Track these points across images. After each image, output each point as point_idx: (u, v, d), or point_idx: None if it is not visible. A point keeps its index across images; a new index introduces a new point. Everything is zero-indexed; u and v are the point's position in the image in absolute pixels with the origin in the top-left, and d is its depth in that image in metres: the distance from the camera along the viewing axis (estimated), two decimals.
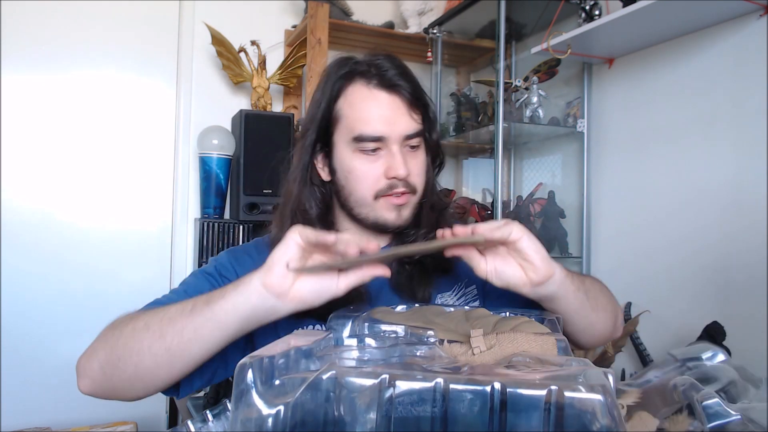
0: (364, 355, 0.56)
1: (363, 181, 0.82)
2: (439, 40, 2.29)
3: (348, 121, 0.82)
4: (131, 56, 2.14)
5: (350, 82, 0.83)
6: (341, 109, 0.83)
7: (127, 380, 0.68)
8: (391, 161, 0.81)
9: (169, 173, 2.20)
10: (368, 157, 0.82)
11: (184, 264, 2.20)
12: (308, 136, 0.86)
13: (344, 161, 0.83)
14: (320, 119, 0.84)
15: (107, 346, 0.69)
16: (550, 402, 0.41)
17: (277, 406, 0.40)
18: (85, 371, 0.71)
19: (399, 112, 0.81)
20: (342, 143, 0.83)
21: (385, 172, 0.81)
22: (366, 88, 0.82)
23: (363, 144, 0.81)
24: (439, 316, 0.72)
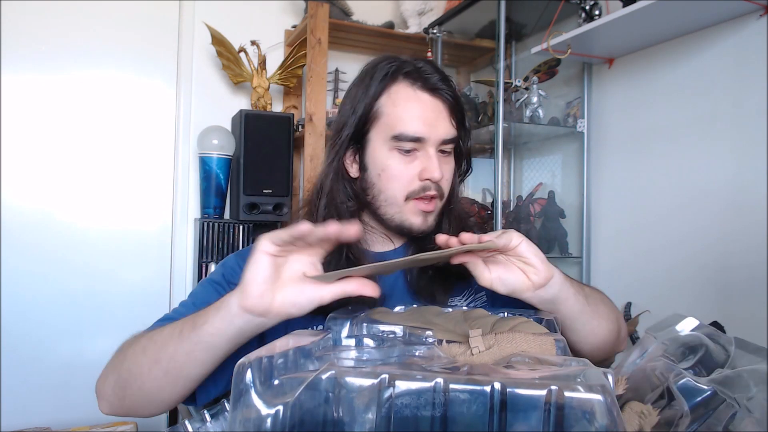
0: (363, 356, 0.56)
1: (396, 180, 0.82)
2: (439, 40, 2.29)
3: (389, 119, 0.82)
4: (131, 56, 2.15)
5: (394, 81, 0.83)
6: (383, 107, 0.83)
7: (138, 401, 0.71)
8: (427, 163, 0.81)
9: (169, 173, 2.21)
10: (404, 157, 0.82)
11: (184, 264, 2.20)
12: (345, 131, 0.85)
13: (379, 159, 0.83)
14: (361, 115, 0.84)
15: (115, 371, 0.72)
16: (549, 402, 0.41)
17: (276, 406, 0.40)
18: (101, 394, 0.74)
19: (440, 116, 0.82)
20: (379, 140, 0.83)
21: (419, 174, 0.82)
22: (410, 89, 0.82)
23: (401, 143, 0.81)
24: (438, 317, 0.72)
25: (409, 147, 0.81)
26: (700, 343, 0.65)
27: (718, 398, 0.53)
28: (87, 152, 2.08)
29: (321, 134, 2.02)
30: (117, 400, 0.72)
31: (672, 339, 0.67)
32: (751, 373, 0.55)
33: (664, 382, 0.59)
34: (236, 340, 0.64)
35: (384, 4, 2.51)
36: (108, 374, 0.73)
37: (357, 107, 0.84)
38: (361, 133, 0.85)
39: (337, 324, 0.66)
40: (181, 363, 0.65)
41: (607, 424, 0.40)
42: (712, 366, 0.62)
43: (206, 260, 2.00)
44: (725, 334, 0.66)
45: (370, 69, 0.86)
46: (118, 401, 0.72)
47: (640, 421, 0.54)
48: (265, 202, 2.00)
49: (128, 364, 0.70)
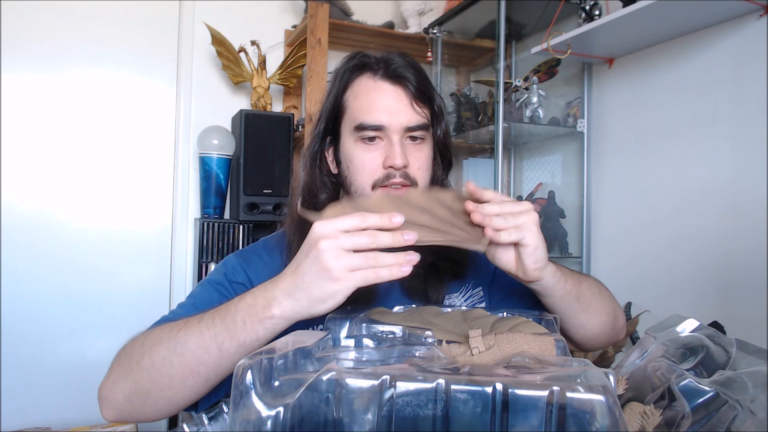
0: (363, 356, 0.56)
1: (362, 169, 0.82)
2: (439, 40, 2.29)
3: (352, 111, 0.83)
4: (131, 56, 2.15)
5: (358, 75, 0.85)
6: (347, 100, 0.84)
7: (160, 409, 0.69)
8: (389, 150, 0.81)
9: (169, 173, 2.20)
10: (368, 146, 0.82)
11: (184, 264, 2.20)
12: (317, 127, 0.88)
13: (347, 151, 0.84)
14: (329, 111, 0.86)
15: (130, 380, 0.68)
16: (551, 403, 0.41)
17: (276, 408, 0.40)
18: (109, 402, 0.70)
19: (401, 103, 0.82)
20: (346, 133, 0.85)
21: (383, 162, 0.81)
22: (371, 80, 0.83)
23: (363, 132, 0.81)
24: (437, 317, 0.72)
25: (372, 135, 0.81)
26: (700, 344, 0.65)
27: (720, 399, 0.53)
28: (87, 152, 2.08)
29: None
30: (132, 409, 0.69)
31: (672, 340, 0.67)
32: (750, 375, 0.55)
33: (665, 382, 0.59)
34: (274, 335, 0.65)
35: (384, 4, 2.51)
36: (119, 381, 0.69)
37: (326, 105, 0.87)
38: (333, 130, 0.87)
39: (336, 324, 0.66)
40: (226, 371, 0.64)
41: (609, 424, 0.40)
42: (713, 367, 0.62)
43: (206, 260, 2.00)
44: (726, 336, 0.66)
45: (340, 66, 0.88)
46: (133, 410, 0.69)
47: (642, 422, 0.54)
48: (265, 202, 2.00)
49: (149, 373, 0.66)
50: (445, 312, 0.75)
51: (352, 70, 0.85)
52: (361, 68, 0.85)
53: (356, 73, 0.85)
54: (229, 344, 0.62)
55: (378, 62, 0.84)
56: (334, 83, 0.87)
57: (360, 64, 0.85)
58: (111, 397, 0.69)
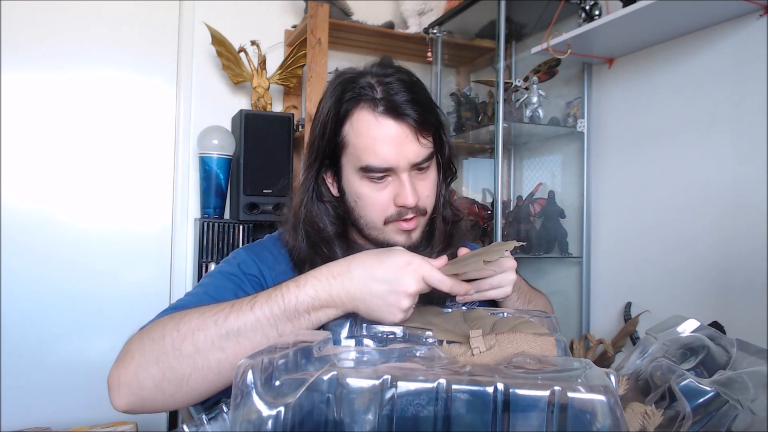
0: (364, 356, 0.56)
1: (372, 207, 0.82)
2: (439, 40, 2.29)
3: (354, 150, 0.80)
4: (131, 56, 2.14)
5: (356, 107, 0.79)
6: (347, 135, 0.80)
7: (194, 396, 0.66)
8: (399, 190, 0.80)
9: (169, 173, 2.20)
10: (376, 185, 0.80)
11: (184, 264, 2.20)
12: (315, 153, 0.85)
13: (352, 186, 0.82)
14: (327, 141, 0.82)
15: (163, 366, 0.63)
16: (553, 402, 0.41)
17: (277, 408, 0.40)
18: (130, 389, 0.64)
19: (407, 140, 0.78)
20: (349, 168, 0.82)
21: (393, 200, 0.81)
22: (372, 115, 0.78)
23: (371, 174, 0.79)
24: (438, 317, 0.72)
25: (380, 176, 0.80)
26: (701, 344, 0.65)
27: (720, 399, 0.53)
28: (87, 152, 2.08)
29: None
30: (161, 395, 0.64)
31: (673, 340, 0.67)
32: (751, 375, 0.55)
33: (665, 382, 0.59)
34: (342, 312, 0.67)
35: (384, 4, 2.51)
36: (148, 367, 0.64)
37: (325, 132, 0.82)
38: (333, 157, 0.84)
39: (337, 324, 0.66)
40: None
41: (610, 424, 0.40)
42: (713, 368, 0.62)
43: (206, 260, 2.00)
44: (726, 336, 0.66)
45: (333, 90, 0.83)
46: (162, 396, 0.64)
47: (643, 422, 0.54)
48: (265, 202, 2.00)
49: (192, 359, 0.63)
50: (445, 312, 0.75)
51: (352, 100, 0.80)
52: (359, 99, 0.79)
53: (355, 103, 0.80)
54: (284, 324, 0.64)
55: (377, 96, 0.79)
56: (329, 109, 0.82)
57: (359, 94, 0.79)
58: (133, 383, 0.64)
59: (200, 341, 0.64)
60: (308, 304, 0.65)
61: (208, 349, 0.63)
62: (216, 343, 0.63)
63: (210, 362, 0.63)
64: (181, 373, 0.63)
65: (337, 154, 0.83)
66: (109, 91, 2.11)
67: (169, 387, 0.63)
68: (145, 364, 0.64)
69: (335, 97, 0.82)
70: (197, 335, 0.64)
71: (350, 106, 0.80)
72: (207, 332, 0.64)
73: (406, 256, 0.67)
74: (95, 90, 2.10)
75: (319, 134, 0.84)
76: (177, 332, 0.65)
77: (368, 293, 0.64)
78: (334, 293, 0.65)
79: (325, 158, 0.84)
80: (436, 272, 0.66)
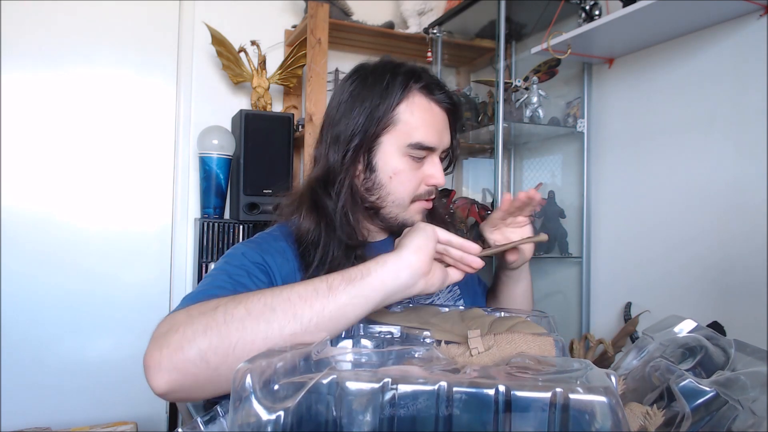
0: (362, 358, 0.56)
1: (406, 184, 0.89)
2: (439, 40, 2.29)
3: (406, 127, 0.87)
4: (131, 56, 2.14)
5: (412, 91, 0.88)
6: (401, 114, 0.87)
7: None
8: (433, 170, 0.89)
9: (169, 173, 2.20)
10: (415, 163, 0.88)
11: (184, 264, 2.20)
12: (357, 133, 0.88)
13: (391, 162, 0.88)
14: (378, 119, 0.87)
15: (211, 334, 0.60)
16: (554, 404, 0.41)
17: (276, 412, 0.40)
18: (172, 364, 0.60)
19: (445, 128, 0.91)
20: (392, 145, 0.88)
21: (425, 180, 0.90)
22: (425, 99, 0.88)
23: (415, 151, 0.87)
24: (435, 317, 0.72)
25: (422, 155, 0.88)
26: (699, 344, 0.65)
27: (720, 400, 0.53)
28: (87, 153, 2.08)
29: None
30: (205, 368, 0.60)
31: (670, 340, 0.67)
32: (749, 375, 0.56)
33: (664, 382, 0.59)
34: (386, 300, 0.67)
35: (384, 4, 2.51)
36: (195, 338, 0.60)
37: (374, 112, 0.87)
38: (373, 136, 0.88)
39: None
40: (328, 318, 0.62)
41: (611, 425, 0.40)
42: (711, 368, 0.62)
43: (206, 260, 2.00)
44: (725, 336, 0.66)
45: (383, 74, 0.89)
46: (206, 370, 0.60)
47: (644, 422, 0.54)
48: (265, 202, 2.00)
49: (241, 322, 0.61)
50: (442, 312, 0.75)
51: (410, 84, 0.87)
52: (416, 84, 0.88)
53: (411, 88, 0.88)
54: (339, 282, 0.64)
55: (431, 83, 0.89)
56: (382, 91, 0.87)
57: (416, 80, 0.88)
58: (177, 357, 0.60)
59: (252, 304, 0.62)
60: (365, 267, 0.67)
61: (260, 309, 0.62)
62: (268, 304, 0.62)
63: (259, 323, 0.61)
64: (229, 341, 0.60)
65: (379, 133, 0.88)
66: (109, 91, 2.11)
67: (215, 358, 0.60)
68: (192, 335, 0.61)
69: (388, 81, 0.88)
70: (250, 299, 0.63)
71: (406, 86, 0.87)
72: (259, 296, 0.64)
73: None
74: (95, 90, 2.10)
75: (361, 113, 0.88)
76: (224, 306, 0.63)
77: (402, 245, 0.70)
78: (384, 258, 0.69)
79: (367, 135, 0.88)
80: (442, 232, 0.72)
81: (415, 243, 0.68)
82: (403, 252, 0.68)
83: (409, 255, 0.67)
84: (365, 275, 0.65)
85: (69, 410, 1.99)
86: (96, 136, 2.09)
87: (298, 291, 0.64)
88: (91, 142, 2.09)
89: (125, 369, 2.06)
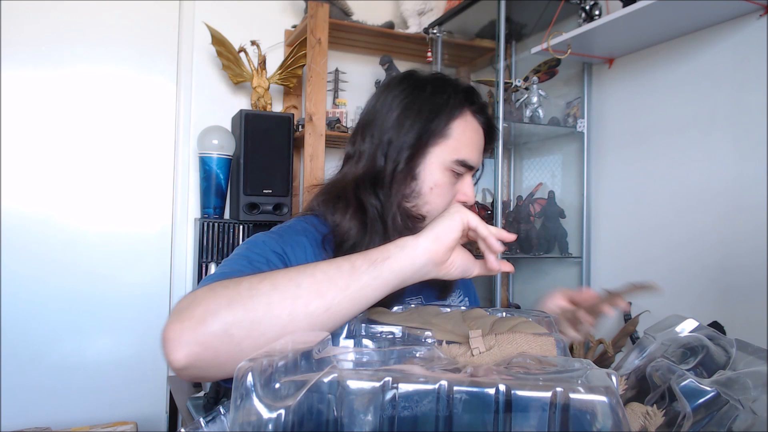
0: (363, 357, 0.56)
1: (443, 197, 0.90)
2: (439, 40, 2.29)
3: (456, 143, 0.89)
4: (131, 56, 2.15)
5: (466, 107, 0.91)
6: (453, 130, 0.89)
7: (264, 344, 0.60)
8: (466, 189, 0.92)
9: (169, 173, 2.20)
10: (453, 178, 0.91)
11: (184, 264, 2.20)
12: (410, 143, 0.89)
13: (434, 174, 0.89)
14: (432, 131, 0.89)
15: (237, 306, 0.60)
16: (555, 403, 0.41)
17: (277, 410, 0.40)
18: (195, 337, 0.58)
19: (482, 149, 0.96)
20: (438, 157, 0.89)
21: (457, 196, 0.92)
22: (475, 120, 0.92)
23: (458, 167, 0.90)
24: (437, 317, 0.72)
25: (462, 171, 0.91)
26: (700, 344, 0.65)
27: (721, 400, 0.53)
28: (87, 153, 2.08)
29: (321, 134, 2.02)
30: (228, 342, 0.59)
31: (672, 340, 0.67)
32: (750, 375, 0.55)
33: (665, 382, 0.59)
34: (403, 283, 0.68)
35: (384, 4, 2.51)
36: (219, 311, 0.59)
37: (429, 124, 0.89)
38: (424, 146, 0.89)
39: None
40: (349, 298, 0.64)
41: (611, 425, 0.40)
42: (713, 368, 0.62)
43: (206, 260, 2.00)
44: (726, 336, 0.66)
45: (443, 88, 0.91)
46: (229, 344, 0.59)
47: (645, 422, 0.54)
48: (265, 202, 2.00)
49: (268, 297, 0.61)
50: (444, 312, 0.75)
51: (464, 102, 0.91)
52: (468, 103, 0.91)
53: (464, 106, 0.91)
54: (362, 262, 0.65)
55: (481, 105, 0.94)
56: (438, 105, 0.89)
57: (470, 100, 0.92)
58: (199, 329, 0.58)
59: (278, 279, 0.63)
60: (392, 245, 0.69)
61: (285, 284, 0.62)
62: (293, 279, 0.62)
63: (285, 299, 0.61)
64: (255, 314, 0.60)
65: (429, 143, 0.89)
66: (108, 92, 2.12)
67: (239, 331, 0.59)
68: (216, 307, 0.60)
69: (440, 92, 0.91)
70: (276, 276, 0.63)
71: (461, 104, 0.91)
72: (285, 272, 0.64)
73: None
74: (95, 90, 2.10)
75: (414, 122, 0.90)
76: (257, 277, 0.64)
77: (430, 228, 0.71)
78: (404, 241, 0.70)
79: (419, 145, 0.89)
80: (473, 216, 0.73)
81: (436, 231, 0.70)
82: (422, 238, 0.69)
83: (427, 243, 0.68)
84: (386, 258, 0.67)
85: (69, 410, 1.99)
86: (96, 136, 2.09)
87: (323, 269, 0.65)
88: (91, 142, 2.09)
89: (125, 369, 2.06)
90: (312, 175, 1.98)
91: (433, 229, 0.70)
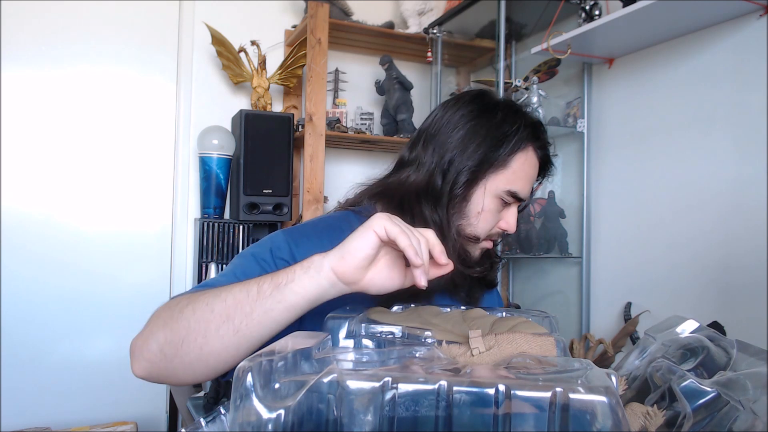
0: (363, 357, 0.56)
1: (488, 223, 0.91)
2: (439, 40, 2.29)
3: (512, 175, 0.90)
4: (131, 56, 2.15)
5: (530, 143, 0.91)
6: (513, 161, 0.90)
7: (189, 363, 0.67)
8: (510, 218, 0.93)
9: (169, 173, 2.20)
10: (501, 206, 0.91)
11: (184, 264, 2.20)
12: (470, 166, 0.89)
13: (484, 200, 0.90)
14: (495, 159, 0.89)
15: (167, 328, 0.67)
16: (555, 403, 0.41)
17: (277, 410, 0.40)
18: (142, 354, 0.69)
19: (534, 182, 0.96)
20: (493, 184, 0.89)
21: (500, 224, 0.92)
22: (534, 156, 0.92)
23: (508, 197, 0.90)
24: (437, 317, 0.72)
25: (510, 201, 0.91)
26: (701, 345, 0.65)
27: (721, 400, 0.53)
28: (87, 153, 2.08)
29: (321, 134, 2.02)
30: (163, 360, 0.67)
31: (672, 340, 0.67)
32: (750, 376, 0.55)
33: (665, 383, 0.59)
34: (315, 302, 0.66)
35: (384, 4, 2.51)
36: (156, 331, 0.68)
37: (492, 152, 0.88)
38: (482, 172, 0.89)
39: (335, 325, 0.66)
40: (256, 321, 0.64)
41: (611, 425, 0.40)
42: (713, 368, 0.62)
43: (206, 260, 2.00)
44: (726, 337, 0.66)
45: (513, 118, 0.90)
46: (164, 362, 0.67)
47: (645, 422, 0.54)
48: (265, 202, 2.00)
49: (188, 320, 0.66)
50: (444, 312, 0.75)
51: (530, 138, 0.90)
52: (533, 139, 0.91)
53: (529, 142, 0.90)
54: (268, 286, 0.64)
55: (546, 141, 0.94)
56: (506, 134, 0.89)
57: (536, 137, 0.92)
58: (144, 348, 0.68)
59: (199, 303, 0.66)
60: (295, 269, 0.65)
61: (202, 309, 0.66)
62: (209, 304, 0.66)
63: (200, 323, 0.65)
64: (179, 336, 0.66)
65: (488, 170, 0.89)
66: (108, 92, 2.11)
67: (169, 350, 0.66)
68: (155, 329, 0.68)
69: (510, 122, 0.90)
70: (200, 299, 0.67)
71: (527, 138, 0.91)
72: (207, 295, 0.67)
73: None
74: (95, 90, 2.10)
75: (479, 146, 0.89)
76: (187, 300, 0.68)
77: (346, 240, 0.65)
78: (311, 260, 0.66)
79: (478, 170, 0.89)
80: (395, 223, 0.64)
81: (344, 249, 0.64)
82: (328, 258, 0.64)
83: (334, 261, 0.64)
84: (290, 280, 0.64)
85: (69, 410, 1.99)
86: (96, 136, 2.09)
87: (234, 292, 0.66)
88: (91, 142, 2.09)
89: (125, 369, 2.04)
90: (312, 175, 1.98)
91: (342, 247, 0.64)
